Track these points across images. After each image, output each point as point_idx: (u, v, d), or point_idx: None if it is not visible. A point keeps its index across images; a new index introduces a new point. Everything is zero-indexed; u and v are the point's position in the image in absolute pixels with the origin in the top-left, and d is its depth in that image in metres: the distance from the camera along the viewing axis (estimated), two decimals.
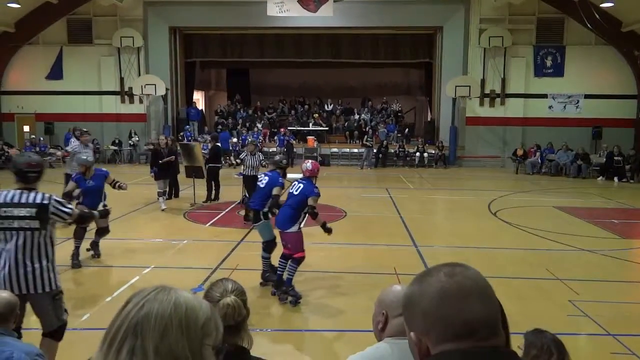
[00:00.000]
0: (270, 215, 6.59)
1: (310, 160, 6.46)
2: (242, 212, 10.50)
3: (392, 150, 21.52)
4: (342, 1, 20.74)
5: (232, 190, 12.49)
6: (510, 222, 10.72)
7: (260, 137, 21.72)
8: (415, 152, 21.12)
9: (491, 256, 8.16)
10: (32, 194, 3.73)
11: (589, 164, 18.69)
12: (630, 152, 18.65)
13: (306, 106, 25.76)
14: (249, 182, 10.25)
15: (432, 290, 1.04)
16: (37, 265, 3.72)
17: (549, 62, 21.28)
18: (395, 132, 23.18)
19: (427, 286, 1.05)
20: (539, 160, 19.59)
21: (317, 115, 24.33)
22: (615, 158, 18.15)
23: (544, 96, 21.33)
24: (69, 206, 3.97)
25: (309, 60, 23.79)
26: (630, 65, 20.62)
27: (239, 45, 23.44)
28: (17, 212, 3.65)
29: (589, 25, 19.16)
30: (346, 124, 24.37)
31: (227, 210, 11.52)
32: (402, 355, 1.57)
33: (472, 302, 1.01)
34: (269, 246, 6.69)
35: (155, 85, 21.18)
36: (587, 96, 21.09)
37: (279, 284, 6.13)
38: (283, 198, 6.52)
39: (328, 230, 6.25)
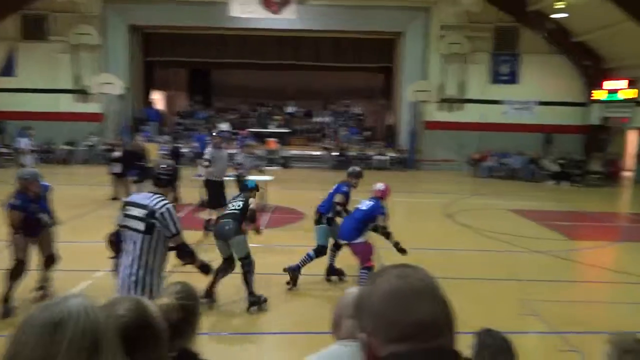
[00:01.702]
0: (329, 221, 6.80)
1: (383, 183, 6.80)
2: (209, 217, 9.65)
3: (353, 154, 21.74)
4: (305, 4, 20.86)
5: (190, 192, 12.36)
6: (466, 224, 11.04)
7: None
8: (375, 155, 21.41)
9: (448, 258, 8.40)
10: None
11: (540, 168, 19.40)
12: (580, 157, 19.48)
13: (268, 108, 25.76)
14: (216, 188, 9.57)
15: (382, 291, 1.04)
16: None
17: (504, 70, 21.96)
18: (357, 135, 23.43)
19: (377, 287, 1.06)
20: (495, 164, 20.19)
21: (278, 117, 24.35)
22: (565, 162, 18.91)
23: (500, 102, 22.01)
24: None
25: (272, 62, 23.79)
26: (580, 74, 21.52)
27: (200, 46, 23.18)
28: None
29: (541, 35, 19.92)
30: (307, 126, 24.49)
31: (184, 212, 11.40)
32: (355, 357, 1.64)
33: (421, 303, 1.02)
34: (319, 251, 6.82)
35: (113, 84, 20.73)
36: (540, 103, 21.89)
37: None
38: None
39: (401, 251, 6.45)
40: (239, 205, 6.22)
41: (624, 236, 11.07)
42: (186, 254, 3.99)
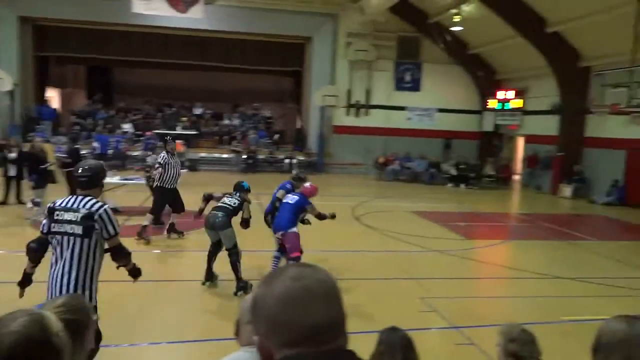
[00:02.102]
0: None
1: (311, 183, 7.25)
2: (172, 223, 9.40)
3: (262, 157, 21.65)
4: (213, 4, 20.48)
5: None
6: (372, 226, 11.36)
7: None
8: (284, 159, 21.46)
9: (354, 259, 8.58)
10: None
11: (440, 172, 20.48)
12: (475, 161, 20.82)
13: (174, 109, 24.95)
14: (166, 195, 9.23)
15: (276, 294, 1.01)
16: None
17: (408, 77, 22.97)
18: (266, 138, 23.36)
19: (271, 289, 1.03)
20: (398, 168, 21.01)
21: (185, 118, 23.66)
22: (462, 167, 20.12)
23: (403, 108, 22.97)
24: None
25: (178, 61, 23.11)
26: (475, 83, 23.01)
27: (101, 41, 21.94)
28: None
29: (441, 46, 21.08)
30: (216, 128, 24.03)
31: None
32: None
33: (316, 307, 1.00)
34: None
35: (1, 79, 19.07)
36: (440, 110, 23.12)
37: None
38: None
39: (330, 217, 7.06)
40: (234, 203, 6.90)
41: (514, 235, 11.96)
42: (122, 256, 3.89)
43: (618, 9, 14.09)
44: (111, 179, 11.24)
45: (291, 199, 6.88)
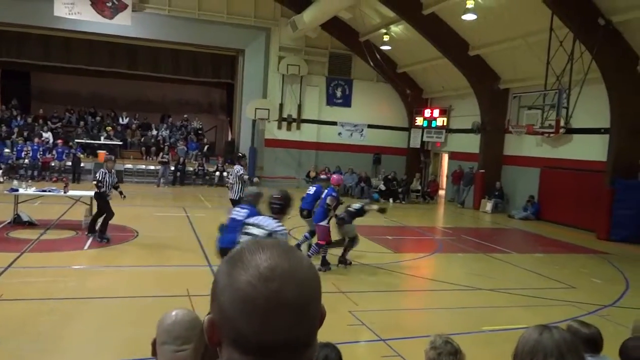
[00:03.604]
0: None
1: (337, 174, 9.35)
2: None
3: (192, 169, 21.15)
4: (141, 12, 19.92)
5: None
6: (299, 239, 11.32)
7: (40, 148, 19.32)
8: (215, 171, 21.08)
9: None
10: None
11: (370, 186, 20.88)
12: (403, 176, 21.42)
13: (98, 118, 23.89)
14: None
15: (237, 289, 0.80)
16: None
17: (339, 93, 23.36)
18: (196, 150, 22.86)
19: (234, 281, 0.81)
20: None
21: (110, 128, 22.71)
22: (391, 182, 20.62)
23: (335, 123, 23.30)
24: None
25: (103, 69, 22.21)
26: (403, 101, 23.77)
27: (18, 44, 20.69)
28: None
29: (371, 64, 21.65)
30: (143, 139, 23.23)
31: None
32: None
33: (281, 322, 0.79)
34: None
35: None
36: (370, 126, 23.66)
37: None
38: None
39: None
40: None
41: (439, 248, 12.36)
42: None
43: (533, 36, 15.10)
44: (25, 190, 10.58)
45: (324, 193, 8.70)
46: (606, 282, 9.42)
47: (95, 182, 9.73)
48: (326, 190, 8.83)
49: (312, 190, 9.56)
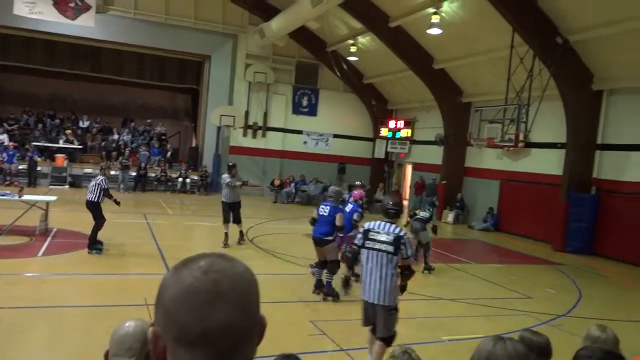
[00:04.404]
0: None
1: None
2: None
3: (154, 175, 20.76)
4: (105, 13, 19.54)
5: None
6: (263, 248, 11.29)
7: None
8: (177, 177, 20.75)
9: None
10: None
11: None
12: (367, 186, 21.54)
13: (57, 121, 23.21)
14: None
15: (179, 286, 0.87)
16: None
17: (305, 102, 23.42)
18: (159, 156, 22.46)
19: (177, 279, 0.88)
20: (293, 191, 21.18)
21: (69, 131, 22.08)
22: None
23: (300, 132, 23.34)
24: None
25: (64, 70, 21.63)
26: (368, 112, 24.02)
27: None
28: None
29: (337, 74, 21.82)
30: (103, 143, 22.68)
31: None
32: None
33: (218, 309, 0.85)
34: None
35: None
36: (335, 135, 23.79)
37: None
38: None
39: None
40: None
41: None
42: (410, 273, 5.26)
43: (495, 53, 15.53)
44: None
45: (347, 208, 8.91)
46: (560, 292, 9.71)
47: (106, 194, 9.33)
48: (352, 206, 9.03)
49: (326, 210, 8.25)
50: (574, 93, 14.05)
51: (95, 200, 9.24)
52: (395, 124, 22.80)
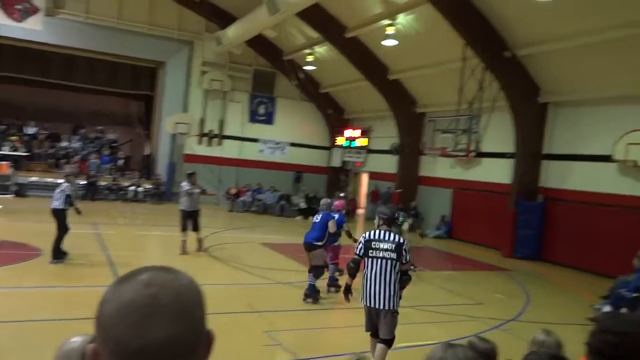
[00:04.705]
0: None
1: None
2: None
3: (104, 183, 20.16)
4: (55, 16, 18.93)
5: None
6: (219, 257, 11.14)
7: None
8: (129, 186, 20.24)
9: None
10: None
11: (290, 204, 20.94)
12: (324, 195, 21.66)
13: (2, 127, 22.25)
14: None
15: (118, 300, 0.84)
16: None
17: (262, 110, 23.35)
18: (110, 164, 21.86)
19: (117, 293, 0.85)
20: (250, 199, 21.03)
21: (15, 138, 21.21)
22: (312, 200, 20.79)
23: (256, 140, 23.23)
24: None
25: (10, 75, 20.79)
26: (325, 121, 24.18)
27: None
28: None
29: (294, 82, 21.89)
30: (52, 150, 21.89)
31: None
32: None
33: (157, 324, 0.81)
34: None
35: None
36: (292, 144, 23.81)
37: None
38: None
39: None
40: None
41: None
42: (408, 279, 5.49)
43: (448, 65, 15.96)
44: None
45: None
46: (509, 297, 10.01)
47: (69, 200, 9.06)
48: (337, 216, 9.12)
49: (318, 218, 8.79)
50: (522, 105, 14.60)
51: (61, 207, 8.95)
52: (352, 132, 23.03)
